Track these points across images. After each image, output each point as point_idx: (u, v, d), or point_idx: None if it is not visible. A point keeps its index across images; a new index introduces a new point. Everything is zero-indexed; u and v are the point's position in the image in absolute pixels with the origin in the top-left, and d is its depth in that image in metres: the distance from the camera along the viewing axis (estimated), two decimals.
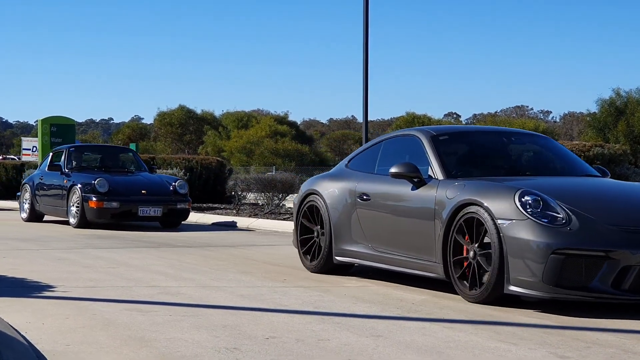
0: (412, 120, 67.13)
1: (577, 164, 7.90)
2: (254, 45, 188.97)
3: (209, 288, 7.37)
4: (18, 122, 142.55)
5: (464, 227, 6.64)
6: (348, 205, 8.10)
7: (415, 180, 7.29)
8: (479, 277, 6.53)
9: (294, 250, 10.92)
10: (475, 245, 6.55)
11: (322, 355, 4.76)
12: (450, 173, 7.21)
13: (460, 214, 6.66)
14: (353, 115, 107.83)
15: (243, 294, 7.03)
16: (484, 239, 6.48)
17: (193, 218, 16.53)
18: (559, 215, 6.20)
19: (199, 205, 20.04)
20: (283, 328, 5.53)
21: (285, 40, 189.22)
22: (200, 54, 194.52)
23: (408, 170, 7.28)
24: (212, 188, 22.97)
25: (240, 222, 15.91)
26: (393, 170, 7.36)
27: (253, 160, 64.04)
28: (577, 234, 6.10)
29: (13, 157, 61.49)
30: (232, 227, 15.60)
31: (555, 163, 7.89)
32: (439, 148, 7.49)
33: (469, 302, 6.59)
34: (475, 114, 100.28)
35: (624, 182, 7.86)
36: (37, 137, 26.40)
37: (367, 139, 18.58)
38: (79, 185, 14.78)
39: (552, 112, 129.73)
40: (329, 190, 8.39)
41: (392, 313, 6.20)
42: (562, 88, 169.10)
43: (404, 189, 7.39)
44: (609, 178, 7.87)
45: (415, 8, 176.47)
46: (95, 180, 14.66)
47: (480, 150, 7.85)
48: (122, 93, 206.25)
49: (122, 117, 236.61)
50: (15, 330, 5.19)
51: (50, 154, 16.94)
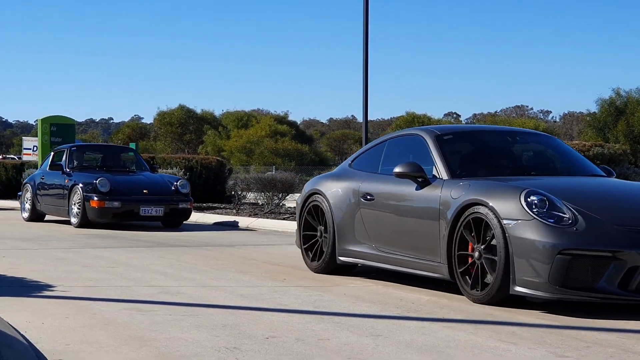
0: (412, 120, 67.10)
1: (582, 164, 7.84)
2: (254, 45, 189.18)
3: (209, 287, 7.37)
4: (18, 121, 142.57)
5: (469, 227, 6.59)
6: (352, 205, 8.04)
7: (420, 180, 7.23)
8: (484, 277, 6.48)
9: (294, 250, 10.91)
10: (481, 246, 6.49)
11: (321, 355, 4.76)
12: (455, 173, 7.16)
13: (465, 214, 6.60)
14: (353, 115, 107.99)
15: (243, 294, 7.02)
16: (490, 240, 6.43)
17: (193, 218, 16.51)
18: (565, 216, 6.15)
19: (199, 205, 20.02)
20: (283, 327, 5.52)
21: (285, 40, 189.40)
22: (200, 54, 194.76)
23: (412, 170, 7.23)
24: (212, 188, 22.98)
25: (241, 221, 15.90)
26: (397, 170, 7.30)
27: (253, 160, 64.02)
28: (583, 234, 6.05)
29: (13, 156, 61.46)
30: (233, 227, 15.57)
31: (561, 163, 7.83)
32: (444, 148, 7.44)
33: (474, 302, 6.53)
34: (475, 114, 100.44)
35: (630, 182, 7.78)
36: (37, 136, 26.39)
37: (367, 139, 18.57)
38: (81, 185, 14.73)
39: (552, 111, 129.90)
40: (333, 190, 8.33)
41: (391, 313, 6.19)
42: (562, 88, 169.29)
43: (408, 189, 7.33)
44: (615, 178, 7.80)
45: (415, 8, 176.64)
46: (97, 180, 14.60)
47: (485, 150, 7.79)
48: (122, 93, 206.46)
49: (122, 116, 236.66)
50: (15, 330, 5.19)
51: (52, 154, 16.87)
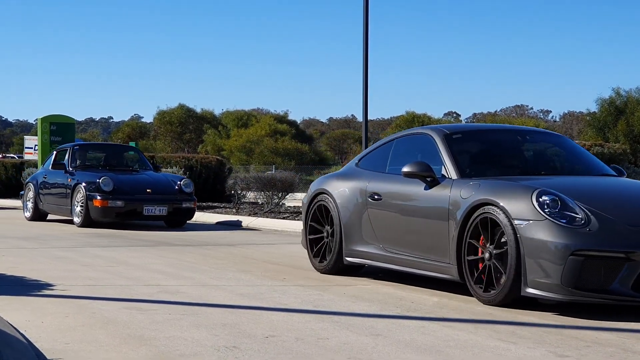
0: (411, 120, 67.06)
1: (593, 163, 7.74)
2: (254, 45, 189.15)
3: (209, 287, 7.37)
4: (18, 120, 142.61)
5: (479, 227, 6.50)
6: (359, 205, 7.95)
7: (429, 180, 7.14)
8: (495, 279, 6.38)
9: (294, 249, 10.92)
10: (491, 247, 6.41)
11: (321, 354, 4.76)
12: (464, 172, 7.06)
13: (476, 214, 6.51)
14: (353, 115, 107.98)
15: (242, 293, 7.03)
16: (500, 240, 6.34)
17: (195, 217, 16.49)
18: (578, 216, 6.06)
19: (199, 204, 19.99)
20: (282, 327, 5.53)
21: (285, 40, 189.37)
22: (200, 53, 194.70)
23: (421, 170, 7.13)
24: (211, 187, 22.98)
25: (242, 221, 15.88)
26: (406, 170, 7.20)
27: (253, 159, 64.02)
28: (596, 235, 5.95)
29: (13, 155, 61.46)
30: (236, 226, 15.52)
31: (571, 162, 7.74)
32: (453, 147, 7.34)
33: (484, 304, 6.43)
34: (475, 113, 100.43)
35: None
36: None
37: (367, 138, 18.57)
38: (83, 184, 14.63)
39: (551, 111, 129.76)
40: (339, 190, 8.24)
41: (391, 312, 6.20)
42: (561, 87, 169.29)
43: (417, 189, 7.24)
44: (626, 178, 7.68)
45: (415, 7, 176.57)
46: (100, 179, 14.52)
47: (495, 149, 7.70)
48: (121, 92, 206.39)
49: (121, 115, 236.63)
50: (15, 329, 5.19)
51: (54, 153, 16.77)
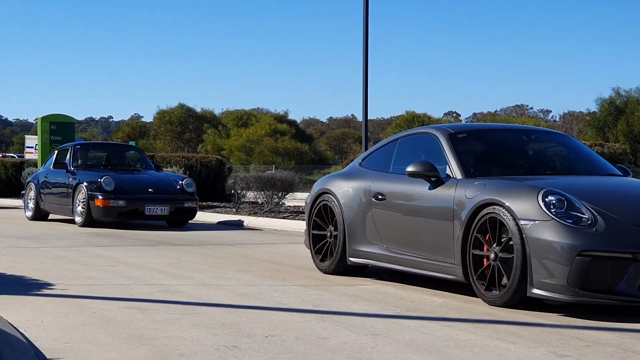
0: (411, 119, 67.08)
1: (598, 163, 7.69)
2: (254, 44, 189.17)
3: (208, 286, 7.37)
4: (18, 120, 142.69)
5: (485, 227, 6.45)
6: (362, 205, 7.91)
7: (433, 180, 7.09)
8: (500, 279, 6.33)
9: (294, 249, 10.92)
10: (496, 247, 6.36)
11: (321, 354, 4.76)
12: (469, 172, 7.02)
13: (481, 214, 6.47)
14: (353, 114, 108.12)
15: (242, 293, 7.03)
16: (506, 240, 6.29)
17: (196, 217, 16.48)
18: (584, 216, 6.02)
19: (199, 204, 19.98)
20: (282, 326, 5.53)
21: (285, 39, 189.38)
22: (200, 53, 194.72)
23: (425, 169, 7.08)
24: (211, 186, 22.97)
25: (244, 220, 15.86)
26: (410, 169, 7.15)
27: (253, 159, 64.03)
28: (603, 235, 5.91)
29: (12, 155, 61.48)
30: (237, 226, 15.48)
31: (576, 162, 7.69)
32: (457, 146, 7.29)
33: (489, 305, 6.39)
34: (475, 113, 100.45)
35: None
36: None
37: (367, 138, 18.57)
38: (85, 184, 14.56)
39: (551, 111, 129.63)
40: (343, 190, 8.19)
41: (391, 312, 6.20)
42: (561, 87, 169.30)
43: (421, 189, 7.19)
44: (631, 177, 7.61)
45: (415, 7, 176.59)
46: (102, 179, 14.44)
47: (500, 149, 7.66)
48: (121, 91, 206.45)
49: (121, 115, 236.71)
50: (15, 328, 5.19)
51: (56, 152, 16.68)
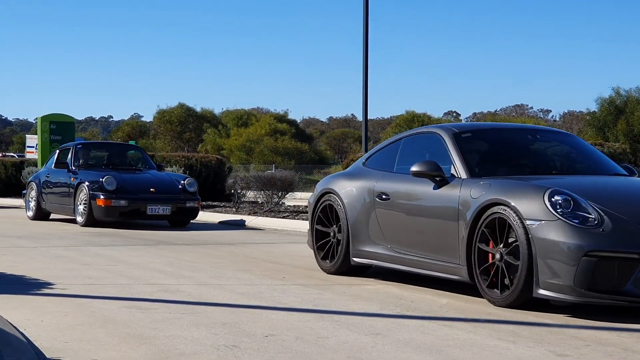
0: (411, 119, 67.06)
1: (604, 163, 7.63)
2: (254, 43, 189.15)
3: (208, 286, 7.37)
4: (18, 119, 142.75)
5: (490, 227, 6.40)
6: (366, 205, 7.84)
7: (438, 179, 7.04)
8: (506, 280, 6.28)
9: (294, 248, 10.92)
10: (502, 247, 6.31)
11: (321, 353, 4.76)
12: (474, 172, 6.96)
13: (486, 214, 6.42)
14: (353, 114, 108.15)
15: (242, 292, 7.03)
16: (511, 241, 6.24)
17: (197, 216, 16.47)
18: (591, 216, 5.97)
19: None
20: (282, 326, 5.53)
21: (285, 38, 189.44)
22: (200, 52, 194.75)
23: (430, 169, 7.03)
24: (211, 186, 22.98)
25: (245, 220, 15.85)
26: (414, 169, 7.09)
27: (253, 159, 64.03)
28: (610, 235, 5.86)
29: (12, 154, 61.50)
30: (239, 225, 15.44)
31: (582, 161, 7.63)
32: (462, 146, 7.24)
33: (495, 306, 6.35)
34: (475, 113, 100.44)
35: None
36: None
37: (367, 138, 18.60)
38: (87, 183, 14.50)
39: (551, 110, 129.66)
40: (346, 189, 8.12)
41: (391, 311, 6.20)
42: (561, 87, 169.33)
43: (426, 188, 7.14)
44: (637, 177, 7.54)
45: (415, 6, 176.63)
46: (103, 178, 14.37)
47: (505, 148, 7.60)
48: (121, 91, 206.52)
49: (121, 114, 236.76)
50: (14, 327, 5.19)
51: (57, 152, 16.61)
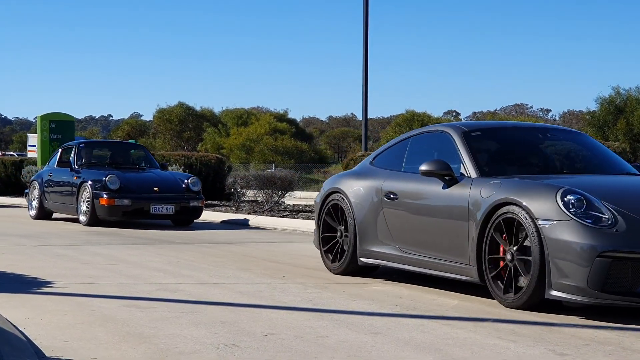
0: (411, 118, 67.01)
1: (615, 162, 7.55)
2: (254, 42, 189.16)
3: (208, 285, 7.37)
4: (17, 118, 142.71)
5: (501, 228, 6.33)
6: (374, 205, 7.77)
7: (447, 179, 6.96)
8: (517, 281, 6.22)
9: (293, 247, 10.93)
10: (513, 247, 6.23)
11: (320, 352, 4.77)
12: (484, 171, 6.89)
13: (497, 214, 6.34)
14: (352, 113, 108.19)
15: (242, 291, 7.03)
16: (523, 241, 6.17)
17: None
18: (604, 216, 5.89)
19: None
20: (282, 325, 5.53)
21: (285, 37, 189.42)
22: (200, 51, 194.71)
23: (439, 168, 6.95)
24: (211, 185, 22.98)
25: (248, 219, 15.84)
26: (423, 168, 7.01)
27: (252, 158, 64.00)
28: (624, 236, 5.78)
29: (12, 153, 61.51)
30: (242, 225, 15.39)
31: (593, 160, 7.55)
32: (472, 145, 7.16)
33: (506, 307, 6.28)
34: (475, 112, 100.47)
35: None
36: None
37: (366, 137, 18.62)
38: (90, 182, 14.39)
39: (551, 110, 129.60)
40: (354, 189, 8.05)
41: (390, 310, 6.20)
42: (561, 86, 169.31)
43: (434, 188, 7.07)
44: None
45: (415, 5, 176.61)
46: (106, 177, 14.28)
47: (515, 147, 7.53)
48: (121, 90, 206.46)
49: (121, 113, 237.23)
50: (14, 326, 5.19)
51: (60, 150, 16.50)
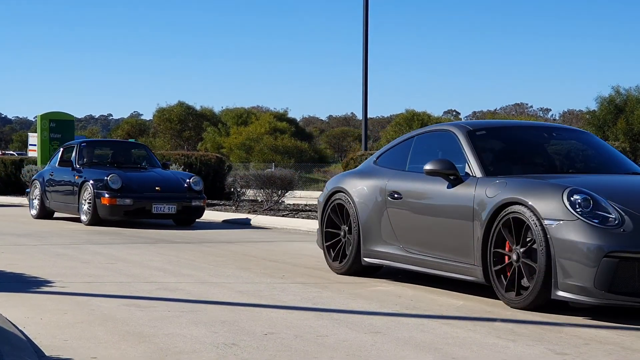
0: (411, 118, 67.02)
1: (621, 161, 7.51)
2: (254, 42, 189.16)
3: (208, 284, 7.37)
4: (17, 117, 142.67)
5: (506, 227, 6.29)
6: (378, 204, 7.71)
7: (452, 178, 6.91)
8: (523, 281, 6.18)
9: (293, 247, 10.93)
10: (519, 247, 6.19)
11: (320, 351, 4.77)
12: (489, 170, 6.84)
13: (502, 214, 6.29)
14: (352, 112, 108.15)
15: (242, 290, 7.03)
16: (529, 241, 6.13)
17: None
18: (611, 216, 5.85)
19: None
20: (281, 324, 5.53)
21: (285, 37, 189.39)
22: (200, 50, 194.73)
23: (444, 167, 6.90)
24: (211, 184, 22.96)
25: (250, 219, 15.82)
26: (428, 167, 6.98)
27: (252, 157, 63.99)
28: (631, 236, 5.73)
29: (12, 152, 61.50)
30: (244, 224, 15.36)
31: (599, 160, 7.51)
32: (477, 144, 7.12)
33: (512, 308, 6.22)
34: (475, 112, 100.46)
35: None
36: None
37: (366, 136, 18.62)
38: (91, 182, 14.34)
39: (551, 109, 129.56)
40: (357, 188, 8.00)
41: (390, 309, 6.20)
42: (561, 86, 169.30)
43: (439, 187, 7.02)
44: None
45: (415, 5, 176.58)
46: (108, 177, 14.23)
47: (520, 146, 7.48)
48: (121, 89, 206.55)
49: (121, 113, 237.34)
50: (14, 325, 5.19)
51: (61, 150, 16.49)
